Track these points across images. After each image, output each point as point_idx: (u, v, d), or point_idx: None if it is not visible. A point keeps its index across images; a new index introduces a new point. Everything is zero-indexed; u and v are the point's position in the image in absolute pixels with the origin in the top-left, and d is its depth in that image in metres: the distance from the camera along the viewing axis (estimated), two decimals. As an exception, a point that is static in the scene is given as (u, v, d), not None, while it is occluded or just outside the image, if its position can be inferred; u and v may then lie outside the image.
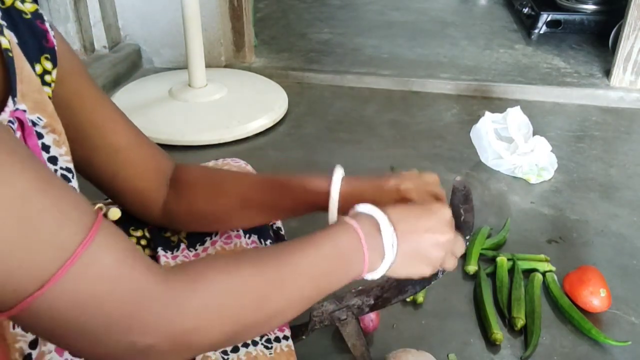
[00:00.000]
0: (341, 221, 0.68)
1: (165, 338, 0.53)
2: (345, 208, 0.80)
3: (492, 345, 1.16)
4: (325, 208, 0.81)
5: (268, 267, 0.61)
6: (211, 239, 0.89)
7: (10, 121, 0.58)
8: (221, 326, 0.57)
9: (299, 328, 1.00)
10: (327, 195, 0.80)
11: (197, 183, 0.84)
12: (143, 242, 0.86)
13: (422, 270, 0.72)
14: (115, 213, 0.62)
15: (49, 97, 0.67)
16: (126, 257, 0.51)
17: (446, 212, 0.73)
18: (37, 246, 0.46)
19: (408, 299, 1.26)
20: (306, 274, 0.63)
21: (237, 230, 0.90)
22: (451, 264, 0.76)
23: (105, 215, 0.53)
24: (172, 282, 0.54)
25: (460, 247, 0.76)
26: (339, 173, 0.81)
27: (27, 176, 0.46)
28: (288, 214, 0.87)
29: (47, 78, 0.67)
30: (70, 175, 0.68)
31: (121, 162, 0.79)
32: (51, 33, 0.68)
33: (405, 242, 0.69)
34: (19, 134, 0.60)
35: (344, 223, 0.67)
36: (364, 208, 0.69)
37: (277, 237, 0.98)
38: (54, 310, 0.48)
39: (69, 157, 0.67)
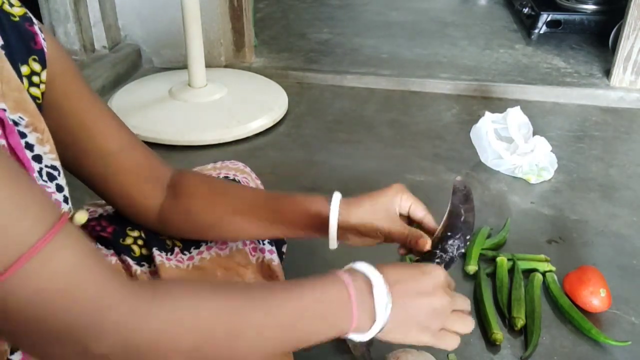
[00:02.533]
0: (332, 274, 0.66)
1: (120, 349, 0.51)
2: (343, 230, 0.80)
3: (492, 345, 1.16)
4: (320, 231, 0.81)
5: (245, 303, 0.58)
6: (207, 244, 0.89)
7: None
8: (183, 348, 0.54)
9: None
10: (324, 217, 0.79)
11: (195, 192, 0.83)
12: (140, 242, 0.86)
13: (417, 337, 0.70)
14: (81, 217, 0.60)
15: (40, 98, 0.68)
16: (86, 260, 0.50)
17: (440, 274, 0.71)
18: None
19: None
20: (283, 321, 0.61)
21: None
22: (466, 327, 0.74)
23: (71, 218, 0.52)
24: (135, 292, 0.52)
25: (463, 306, 0.74)
26: (337, 199, 0.80)
27: None
28: (284, 232, 0.85)
29: (35, 79, 0.67)
30: (56, 173, 0.67)
31: (111, 167, 0.78)
32: (41, 36, 0.68)
33: (399, 307, 0.66)
34: (0, 132, 0.60)
35: (335, 276, 0.65)
36: (359, 266, 0.67)
37: (276, 240, 0.97)
38: (7, 306, 0.46)
39: (54, 155, 0.67)
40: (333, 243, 0.81)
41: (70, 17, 2.18)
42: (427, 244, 0.80)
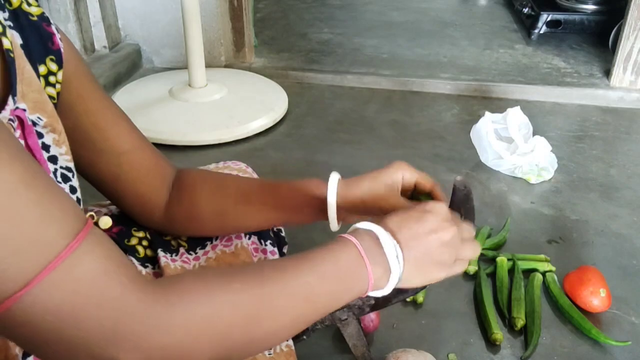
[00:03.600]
0: (340, 238, 0.65)
1: (147, 354, 0.51)
2: (345, 212, 0.80)
3: (492, 345, 1.16)
4: (322, 213, 0.81)
5: (259, 285, 0.58)
6: (211, 242, 0.89)
7: (10, 119, 0.59)
8: (206, 345, 0.54)
9: (300, 328, 1.00)
10: (323, 198, 0.79)
11: (198, 184, 0.85)
12: (145, 242, 0.86)
13: (436, 274, 0.69)
14: (106, 222, 0.60)
15: (55, 98, 0.68)
16: (111, 267, 0.50)
17: (442, 208, 0.70)
18: (20, 244, 0.45)
19: (408, 299, 1.26)
20: (302, 293, 0.61)
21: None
22: (470, 252, 0.73)
23: (96, 223, 0.52)
24: (156, 296, 0.52)
25: (468, 233, 0.74)
26: (334, 178, 0.80)
27: (16, 169, 0.46)
28: (287, 217, 0.85)
29: (52, 79, 0.68)
30: (70, 175, 0.68)
31: (123, 165, 0.79)
32: (57, 36, 0.69)
33: (410, 250, 0.66)
34: (19, 132, 0.60)
35: (343, 239, 0.65)
36: (362, 225, 0.67)
37: (278, 239, 0.98)
38: (32, 315, 0.46)
39: (69, 157, 0.68)
40: (334, 224, 0.81)
41: (70, 17, 2.18)
42: None
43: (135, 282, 0.51)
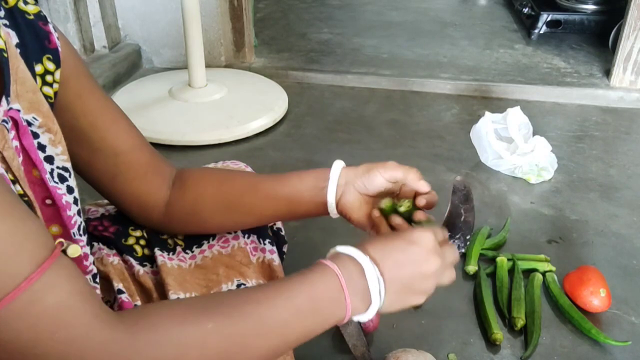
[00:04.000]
0: (320, 265, 0.64)
1: None
2: (344, 190, 0.80)
3: (492, 345, 1.16)
4: (324, 202, 0.81)
5: (232, 323, 0.57)
6: (208, 242, 0.89)
7: (4, 120, 0.59)
8: None
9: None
10: (326, 180, 0.79)
11: (204, 178, 0.85)
12: (142, 242, 0.86)
13: (414, 301, 0.70)
14: (75, 250, 0.60)
15: (52, 97, 0.68)
16: (75, 299, 0.50)
17: (428, 238, 0.69)
18: None
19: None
20: (274, 330, 0.60)
21: (235, 232, 0.90)
22: (447, 278, 0.73)
23: (64, 251, 0.52)
24: (121, 331, 0.52)
25: (452, 256, 0.73)
26: (338, 163, 0.81)
27: None
28: (289, 209, 0.84)
29: (49, 78, 0.67)
30: (67, 175, 0.68)
31: (121, 165, 0.79)
32: (55, 35, 0.68)
33: (393, 283, 0.66)
34: (13, 133, 0.60)
35: (323, 267, 0.64)
36: (344, 249, 0.66)
37: (277, 238, 0.98)
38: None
39: (65, 157, 0.67)
40: (332, 200, 0.80)
41: (70, 17, 2.18)
42: (427, 185, 0.78)
43: (100, 317, 0.51)
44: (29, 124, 0.62)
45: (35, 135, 0.63)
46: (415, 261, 0.67)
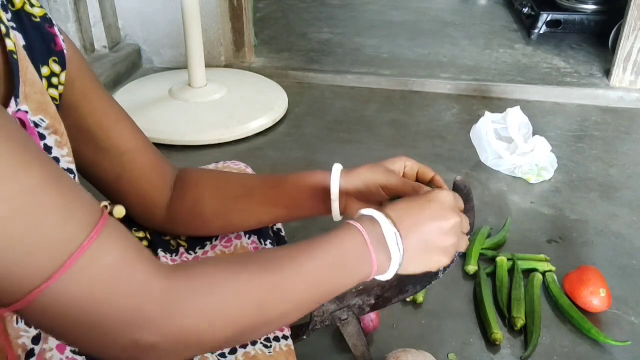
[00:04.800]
0: (346, 224, 0.67)
1: (167, 337, 0.53)
2: (347, 200, 0.81)
3: (492, 345, 1.16)
4: (324, 204, 0.82)
5: (272, 270, 0.61)
6: (211, 243, 0.89)
7: None
8: (223, 327, 0.57)
9: (300, 328, 1.00)
10: (326, 188, 0.81)
11: (201, 182, 0.85)
12: (145, 243, 0.87)
13: (438, 261, 0.71)
14: (120, 211, 0.64)
15: (57, 100, 0.68)
16: (130, 255, 0.52)
17: (447, 196, 0.72)
18: (42, 241, 0.47)
19: (408, 299, 1.26)
20: (310, 278, 0.63)
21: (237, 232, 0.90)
22: (463, 246, 0.74)
23: (110, 213, 0.54)
24: (175, 281, 0.54)
25: (466, 225, 0.75)
26: (337, 169, 0.81)
27: (35, 172, 0.47)
28: (291, 212, 0.85)
29: (55, 80, 0.68)
30: (72, 177, 0.68)
31: (126, 165, 0.79)
32: (60, 37, 0.69)
33: (411, 238, 0.68)
34: None
35: (349, 225, 0.67)
36: (366, 211, 0.69)
37: (278, 238, 0.98)
38: (58, 305, 0.48)
39: (70, 159, 0.68)
40: (336, 215, 0.82)
41: (70, 17, 2.18)
42: None
43: (155, 269, 0.53)
44: (37, 125, 0.62)
45: (42, 137, 0.63)
46: (433, 217, 0.69)
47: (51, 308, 0.48)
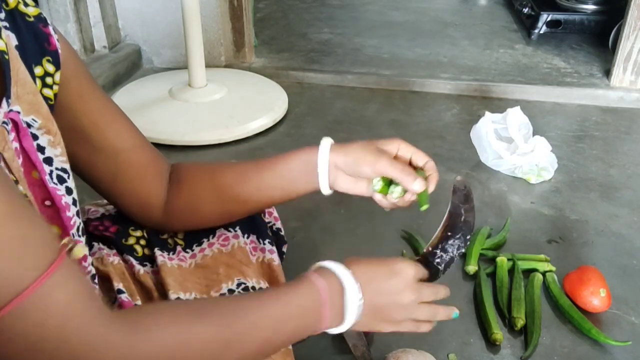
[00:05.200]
0: (307, 280, 0.69)
1: None
2: (335, 176, 0.81)
3: (492, 345, 1.16)
4: (315, 180, 0.82)
5: (223, 326, 0.61)
6: (208, 240, 0.89)
7: (4, 122, 0.59)
8: None
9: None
10: (315, 163, 0.81)
11: (196, 174, 0.85)
12: (142, 242, 0.86)
13: (381, 328, 0.76)
14: (79, 251, 0.63)
15: (52, 99, 0.68)
16: (79, 299, 0.51)
17: (410, 272, 0.75)
18: None
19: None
20: (262, 335, 0.64)
21: (235, 230, 0.90)
22: (420, 315, 0.78)
23: (69, 251, 0.53)
24: (124, 329, 0.54)
25: (430, 296, 0.78)
26: (326, 142, 0.81)
27: None
28: (286, 192, 0.85)
29: (49, 80, 0.68)
30: (65, 176, 0.68)
31: (121, 164, 0.79)
32: (54, 37, 0.69)
33: (370, 306, 0.72)
34: (13, 134, 0.60)
35: (309, 282, 0.69)
36: (330, 265, 0.71)
37: (277, 238, 0.98)
38: (5, 339, 0.48)
39: (64, 158, 0.68)
40: (325, 187, 0.82)
41: (70, 17, 2.18)
42: (422, 185, 0.79)
43: (103, 315, 0.53)
44: (29, 125, 0.62)
45: (35, 137, 0.63)
46: (393, 291, 0.74)
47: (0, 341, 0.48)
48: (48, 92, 0.67)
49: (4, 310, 0.47)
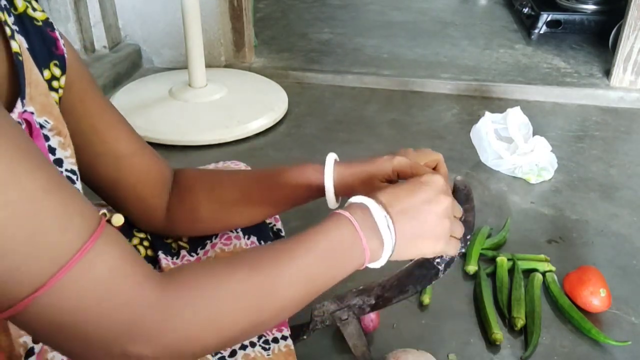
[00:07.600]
0: (334, 214, 0.66)
1: (158, 348, 0.53)
2: (341, 193, 0.81)
3: (492, 345, 1.16)
4: (319, 194, 0.82)
5: (262, 270, 0.60)
6: (211, 241, 0.89)
7: (18, 122, 0.59)
8: (213, 334, 0.56)
9: (300, 328, 1.00)
10: (320, 182, 0.80)
11: (196, 184, 0.85)
12: (146, 243, 0.86)
13: (431, 246, 0.69)
14: (118, 219, 0.63)
15: (57, 103, 0.68)
16: (124, 265, 0.52)
17: (438, 180, 0.70)
18: (40, 247, 0.47)
19: (410, 300, 1.26)
20: (300, 274, 0.62)
21: (237, 232, 0.90)
22: (457, 231, 0.73)
23: (108, 221, 0.53)
24: (167, 292, 0.54)
25: (458, 210, 0.74)
26: (330, 160, 0.81)
27: (37, 177, 0.47)
28: (288, 205, 0.86)
29: (55, 84, 0.68)
30: (74, 177, 0.68)
31: (123, 170, 0.79)
32: (61, 41, 0.69)
33: (403, 222, 0.66)
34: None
35: (337, 215, 0.65)
36: (355, 199, 0.67)
37: (278, 238, 0.98)
38: (50, 313, 0.48)
39: (73, 160, 0.68)
40: (332, 203, 0.81)
41: (70, 17, 2.18)
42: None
43: (148, 280, 0.53)
44: (42, 126, 0.62)
45: (47, 138, 0.64)
46: (423, 199, 0.68)
47: (44, 315, 0.48)
48: (54, 95, 0.68)
49: (49, 283, 0.47)
